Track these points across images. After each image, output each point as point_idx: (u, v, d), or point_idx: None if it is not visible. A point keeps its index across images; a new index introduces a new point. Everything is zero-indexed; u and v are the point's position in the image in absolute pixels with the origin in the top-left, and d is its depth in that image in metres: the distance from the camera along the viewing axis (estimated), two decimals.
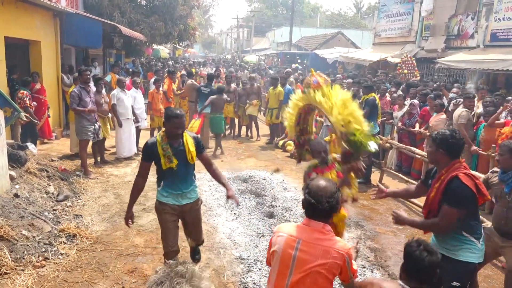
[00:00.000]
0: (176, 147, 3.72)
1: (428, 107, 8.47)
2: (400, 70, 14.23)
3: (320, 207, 2.26)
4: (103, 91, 8.26)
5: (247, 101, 11.51)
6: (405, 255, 2.35)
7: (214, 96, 9.60)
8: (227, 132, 12.05)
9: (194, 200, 4.02)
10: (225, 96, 9.94)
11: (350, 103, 3.67)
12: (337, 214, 3.34)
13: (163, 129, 3.80)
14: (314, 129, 4.54)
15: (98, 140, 7.83)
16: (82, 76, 7.48)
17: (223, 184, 3.99)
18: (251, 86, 11.72)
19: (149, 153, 3.76)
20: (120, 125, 8.38)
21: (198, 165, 4.07)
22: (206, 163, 4.07)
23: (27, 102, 8.06)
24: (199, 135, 4.04)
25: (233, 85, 11.84)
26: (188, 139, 3.80)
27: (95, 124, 7.57)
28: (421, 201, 6.61)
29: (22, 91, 8.12)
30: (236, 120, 12.19)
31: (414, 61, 14.10)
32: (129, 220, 3.92)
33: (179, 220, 4.04)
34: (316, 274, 2.26)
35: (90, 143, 7.77)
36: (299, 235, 2.31)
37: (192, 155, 3.79)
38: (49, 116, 9.47)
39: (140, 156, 9.29)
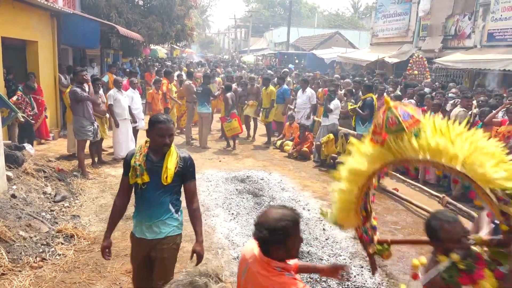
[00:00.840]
0: (154, 162, 2.97)
1: (425, 107, 8.49)
2: (411, 71, 13.77)
3: (260, 236, 1.93)
4: (101, 91, 8.25)
5: (245, 101, 11.55)
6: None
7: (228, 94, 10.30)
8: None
9: (166, 236, 3.04)
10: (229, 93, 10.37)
11: (477, 137, 2.18)
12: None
13: (146, 139, 3.07)
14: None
15: (95, 140, 7.82)
16: (77, 76, 7.49)
17: (196, 232, 3.10)
18: (251, 87, 11.74)
19: (126, 165, 3.04)
20: (117, 125, 8.37)
21: (203, 165, 4.00)
22: (188, 196, 3.16)
23: (22, 107, 8.08)
24: (189, 157, 3.14)
25: (233, 86, 11.86)
26: (173, 156, 2.99)
27: (94, 124, 7.57)
28: (423, 202, 6.64)
29: (16, 93, 8.12)
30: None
31: (426, 62, 13.66)
32: (106, 250, 3.10)
33: (149, 258, 3.13)
34: None
35: (87, 143, 7.76)
36: (249, 259, 2.07)
37: (168, 174, 2.94)
38: (46, 116, 9.45)
39: None
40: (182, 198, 3.18)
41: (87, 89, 7.57)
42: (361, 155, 2.45)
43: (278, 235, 1.89)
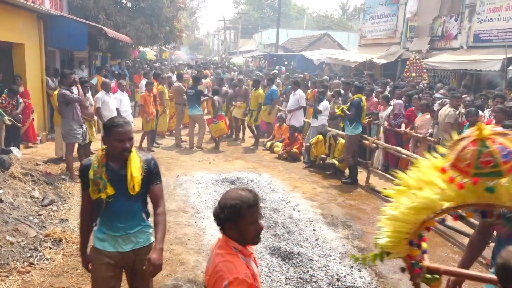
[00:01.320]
0: (116, 171, 2.73)
1: (413, 108, 8.58)
2: (408, 73, 13.34)
3: (214, 210, 2.04)
4: (89, 93, 8.19)
5: (233, 102, 11.56)
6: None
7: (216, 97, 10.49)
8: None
9: (144, 245, 2.91)
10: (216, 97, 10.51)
11: None
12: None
13: (102, 147, 2.84)
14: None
15: (84, 143, 7.76)
16: (66, 79, 7.42)
17: (156, 239, 2.75)
18: (239, 88, 11.74)
19: (83, 178, 2.77)
20: None
21: (193, 167, 4.01)
22: (154, 199, 2.90)
23: (8, 110, 8.02)
24: (151, 158, 2.90)
25: (224, 88, 11.85)
26: (135, 161, 2.75)
27: (83, 127, 7.53)
28: None
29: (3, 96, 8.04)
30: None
31: (423, 63, 13.09)
32: (89, 265, 2.91)
33: (122, 272, 2.95)
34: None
35: (76, 146, 7.69)
36: (213, 246, 2.15)
37: (135, 183, 2.72)
38: (33, 119, 9.34)
39: None
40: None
41: (75, 92, 7.50)
42: (429, 186, 1.97)
43: (229, 213, 1.95)
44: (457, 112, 7.53)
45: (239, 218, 1.96)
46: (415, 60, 13.28)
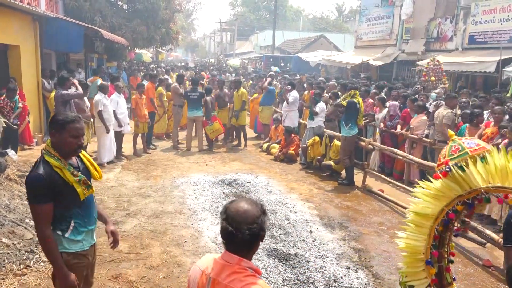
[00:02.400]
0: (77, 166, 2.72)
1: (408, 109, 8.62)
2: (427, 77, 12.17)
3: (240, 236, 1.78)
4: (85, 97, 8.20)
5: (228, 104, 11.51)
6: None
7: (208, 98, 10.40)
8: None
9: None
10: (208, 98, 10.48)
11: None
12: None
13: (45, 145, 2.65)
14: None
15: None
16: (67, 83, 7.51)
17: (102, 215, 3.00)
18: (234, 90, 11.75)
19: (46, 189, 2.51)
20: (108, 131, 8.34)
21: (190, 168, 4.01)
22: None
23: (5, 112, 8.03)
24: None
25: (225, 90, 11.85)
26: (83, 152, 2.85)
27: None
28: (408, 203, 6.72)
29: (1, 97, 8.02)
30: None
31: (442, 66, 12.01)
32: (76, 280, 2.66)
33: None
34: None
35: None
36: (211, 272, 1.88)
37: (97, 169, 2.86)
38: (29, 121, 9.31)
39: (120, 162, 9.21)
40: None
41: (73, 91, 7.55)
42: (427, 196, 2.33)
43: (258, 233, 1.82)
44: (454, 113, 7.56)
45: (263, 233, 1.86)
46: (434, 63, 12.38)
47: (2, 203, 5.37)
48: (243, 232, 1.77)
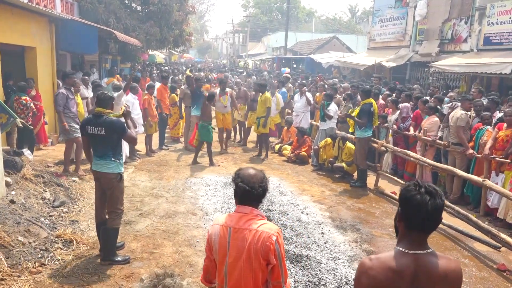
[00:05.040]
0: None
1: (419, 110, 8.55)
2: None
3: (255, 192, 2.37)
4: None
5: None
6: (402, 202, 1.88)
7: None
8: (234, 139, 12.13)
9: None
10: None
11: None
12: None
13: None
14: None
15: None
16: (68, 79, 7.78)
17: None
18: (238, 91, 11.76)
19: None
20: (135, 127, 8.51)
21: (202, 169, 4.05)
22: None
23: (33, 107, 8.28)
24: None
25: (228, 90, 11.85)
26: None
27: (79, 123, 7.80)
28: None
29: (25, 98, 8.17)
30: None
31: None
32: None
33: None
34: (248, 259, 2.30)
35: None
36: (229, 223, 2.37)
37: None
38: (45, 122, 9.45)
39: (133, 162, 9.32)
40: None
41: (87, 94, 7.71)
42: None
43: (266, 189, 2.44)
44: (468, 115, 7.46)
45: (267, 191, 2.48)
46: None
47: (18, 202, 5.47)
48: (257, 189, 2.38)
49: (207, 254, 2.50)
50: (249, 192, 2.36)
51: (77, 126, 7.67)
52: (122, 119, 4.74)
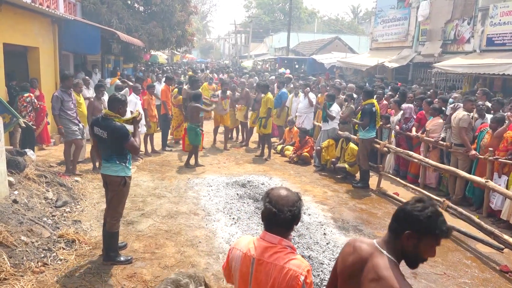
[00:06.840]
0: None
1: (423, 111, 8.53)
2: None
3: (282, 216, 2.07)
4: (104, 97, 8.31)
5: (236, 105, 11.44)
6: (409, 218, 1.96)
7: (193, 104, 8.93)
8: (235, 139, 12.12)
9: None
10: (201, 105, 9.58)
11: None
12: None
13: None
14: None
15: (83, 139, 8.07)
16: (68, 81, 7.75)
17: None
18: (240, 91, 11.76)
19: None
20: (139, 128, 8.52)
21: (204, 170, 4.05)
22: None
23: (36, 103, 8.39)
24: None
25: (228, 92, 11.85)
26: None
27: (79, 124, 7.90)
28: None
29: (28, 94, 8.22)
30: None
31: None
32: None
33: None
34: None
35: (89, 148, 7.81)
36: (253, 252, 2.13)
37: None
38: (48, 122, 9.47)
39: (135, 162, 9.37)
40: None
41: (88, 94, 7.69)
42: None
43: (297, 215, 2.10)
44: (471, 116, 7.44)
45: (300, 216, 2.16)
46: None
47: (21, 201, 5.48)
48: (285, 212, 2.05)
49: (225, 274, 2.36)
50: (275, 216, 2.07)
51: (75, 128, 7.73)
52: (128, 126, 4.66)
